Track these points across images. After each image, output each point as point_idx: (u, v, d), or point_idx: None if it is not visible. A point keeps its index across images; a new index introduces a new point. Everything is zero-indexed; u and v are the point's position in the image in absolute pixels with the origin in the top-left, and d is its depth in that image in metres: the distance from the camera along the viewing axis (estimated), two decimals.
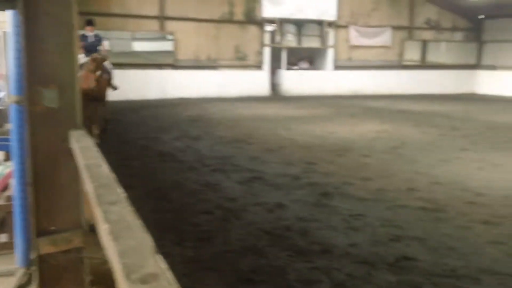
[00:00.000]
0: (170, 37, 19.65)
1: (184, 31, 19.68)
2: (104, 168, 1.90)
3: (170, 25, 19.56)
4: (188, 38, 19.75)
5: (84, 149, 2.30)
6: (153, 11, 19.24)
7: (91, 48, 9.40)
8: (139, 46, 19.43)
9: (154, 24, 19.38)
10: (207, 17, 19.98)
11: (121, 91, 11.95)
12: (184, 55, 19.87)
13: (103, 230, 1.25)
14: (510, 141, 9.72)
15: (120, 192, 1.53)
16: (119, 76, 17.86)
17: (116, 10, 18.67)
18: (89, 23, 9.87)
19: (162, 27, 19.45)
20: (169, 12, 19.42)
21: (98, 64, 8.67)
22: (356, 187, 6.19)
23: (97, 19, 18.27)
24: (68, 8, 2.77)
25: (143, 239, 1.12)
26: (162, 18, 19.28)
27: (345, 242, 4.33)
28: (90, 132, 7.72)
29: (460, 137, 10.23)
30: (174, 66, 19.76)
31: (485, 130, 11.32)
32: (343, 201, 5.58)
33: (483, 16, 24.35)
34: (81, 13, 11.93)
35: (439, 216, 5.08)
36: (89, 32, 9.78)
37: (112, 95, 18.63)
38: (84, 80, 8.32)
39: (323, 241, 4.35)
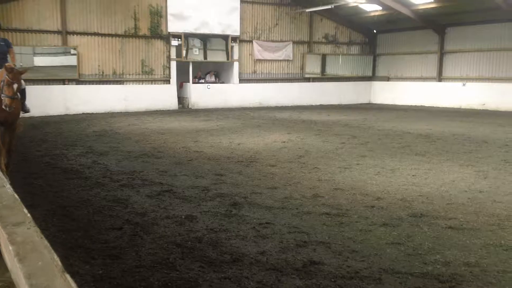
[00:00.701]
0: (73, 51, 18.98)
1: (87, 45, 19.28)
2: (8, 189, 1.84)
3: (73, 40, 19.05)
4: (92, 53, 19.36)
5: None
6: (55, 25, 18.68)
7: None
8: (41, 61, 18.54)
9: (56, 39, 18.80)
10: (111, 32, 19.79)
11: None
12: (88, 69, 19.39)
13: (9, 252, 1.22)
14: (404, 147, 10.50)
15: (25, 213, 1.50)
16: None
17: (16, 25, 17.84)
18: None
19: (64, 42, 18.84)
20: (72, 26, 18.98)
21: (15, 76, 6.77)
22: (264, 196, 6.33)
23: None
24: None
25: (51, 259, 1.11)
26: (64, 32, 18.76)
27: (255, 250, 4.40)
28: None
29: (359, 145, 10.87)
30: (78, 80, 19.11)
31: (381, 137, 12.14)
32: (252, 210, 5.68)
33: (375, 31, 26.21)
34: None
35: (342, 220, 5.34)
36: None
37: None
38: None
39: (234, 251, 4.39)
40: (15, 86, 6.71)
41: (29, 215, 1.47)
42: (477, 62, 22.08)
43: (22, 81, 7.24)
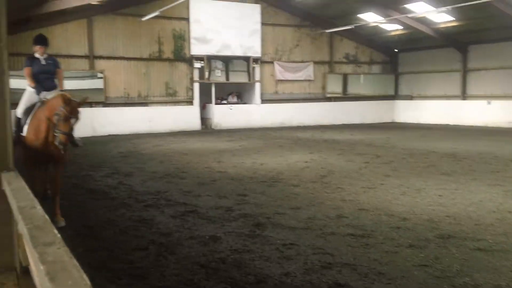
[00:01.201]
0: (99, 75, 19.57)
1: (113, 69, 19.92)
2: (38, 210, 1.87)
3: (99, 64, 19.70)
4: (118, 76, 19.99)
5: (16, 190, 2.25)
6: (82, 50, 19.33)
7: (43, 77, 6.71)
8: (68, 84, 19.05)
9: (83, 63, 19.44)
10: (137, 56, 20.44)
11: None
12: (114, 92, 19.98)
13: (40, 271, 1.24)
14: (429, 167, 10.36)
15: (55, 233, 1.53)
16: None
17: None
18: (39, 41, 6.87)
19: (91, 66, 19.46)
20: (98, 51, 19.59)
21: (74, 110, 5.75)
22: (287, 217, 6.31)
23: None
24: None
25: (80, 279, 1.13)
26: (91, 57, 19.37)
27: (279, 272, 4.37)
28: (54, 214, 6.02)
29: (383, 164, 10.76)
30: (104, 103, 19.63)
31: (405, 156, 12.01)
32: (276, 231, 5.66)
33: (397, 50, 26.15)
34: (9, 54, 11.48)
35: (368, 241, 5.27)
36: (40, 55, 6.85)
37: None
38: (37, 129, 6.00)
39: (258, 272, 4.37)
40: (73, 120, 5.76)
41: (59, 235, 1.50)
42: (501, 79, 21.75)
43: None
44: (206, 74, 21.69)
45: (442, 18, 20.88)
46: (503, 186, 8.19)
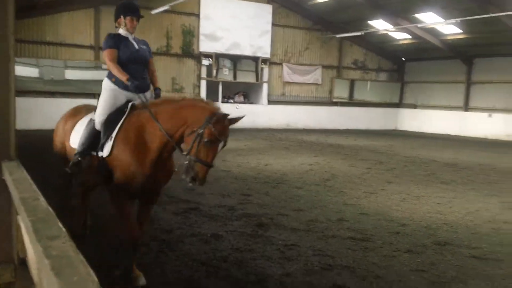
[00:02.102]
0: (104, 66, 19.49)
1: None
2: (42, 202, 1.78)
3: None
4: None
5: (18, 181, 2.15)
6: (88, 40, 19.23)
7: (133, 69, 4.42)
8: (72, 74, 19.11)
9: (88, 53, 19.32)
10: None
11: (52, 120, 11.55)
12: None
13: (44, 266, 1.21)
14: (429, 175, 10.47)
15: (60, 227, 1.46)
16: (50, 105, 17.49)
17: (49, 38, 18.40)
18: (131, 9, 4.53)
19: (97, 56, 19.37)
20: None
21: (225, 130, 3.87)
22: (290, 218, 6.43)
23: (30, 47, 18.13)
24: (5, 39, 2.72)
25: (87, 274, 1.10)
26: (96, 48, 19.25)
27: (280, 272, 4.47)
28: None
29: (385, 171, 10.88)
30: None
31: (407, 164, 12.12)
32: (278, 232, 5.77)
33: (404, 59, 26.24)
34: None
35: (367, 245, 5.40)
36: (130, 33, 4.53)
37: (37, 123, 17.61)
38: (139, 149, 3.98)
39: (259, 271, 4.45)
40: (220, 146, 3.89)
41: (64, 229, 1.43)
42: (504, 93, 21.90)
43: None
44: (214, 72, 21.79)
45: (450, 30, 20.95)
46: (500, 197, 8.33)
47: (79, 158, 4.26)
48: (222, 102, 22.21)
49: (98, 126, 4.28)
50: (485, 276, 4.57)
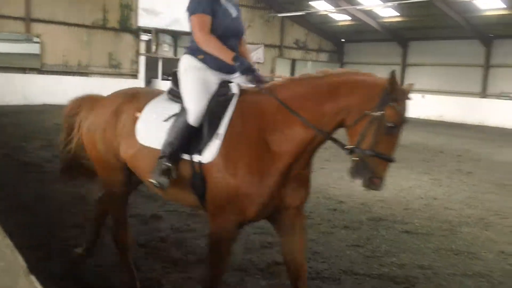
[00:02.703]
0: (36, 39, 18.45)
1: (52, 34, 18.71)
2: None
3: (37, 27, 18.49)
4: (57, 42, 18.80)
5: None
6: (17, 11, 18.05)
7: (231, 45, 3.23)
8: (0, 47, 17.91)
9: (18, 25, 18.18)
10: (79, 22, 19.28)
11: None
12: (51, 59, 18.85)
13: None
14: None
15: None
16: None
17: None
18: None
19: (27, 29, 18.25)
20: (36, 13, 18.36)
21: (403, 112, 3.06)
22: None
23: None
24: None
25: (14, 259, 1.05)
26: (28, 19, 18.15)
27: None
28: None
29: (324, 149, 11.05)
30: (40, 70, 18.58)
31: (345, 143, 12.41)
32: None
33: (343, 40, 26.75)
34: None
35: (306, 222, 5.47)
36: None
37: None
38: (260, 157, 2.86)
39: (198, 251, 4.39)
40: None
41: None
42: (437, 76, 22.92)
43: None
44: (153, 47, 21.22)
45: (388, 12, 21.55)
46: (431, 174, 8.76)
47: (168, 164, 2.95)
48: (163, 79, 21.73)
49: (195, 120, 2.96)
50: (416, 250, 4.79)
